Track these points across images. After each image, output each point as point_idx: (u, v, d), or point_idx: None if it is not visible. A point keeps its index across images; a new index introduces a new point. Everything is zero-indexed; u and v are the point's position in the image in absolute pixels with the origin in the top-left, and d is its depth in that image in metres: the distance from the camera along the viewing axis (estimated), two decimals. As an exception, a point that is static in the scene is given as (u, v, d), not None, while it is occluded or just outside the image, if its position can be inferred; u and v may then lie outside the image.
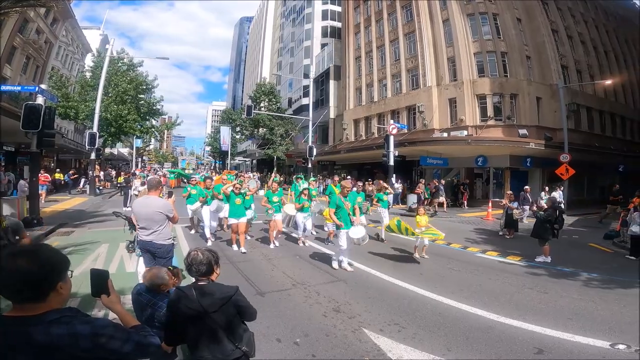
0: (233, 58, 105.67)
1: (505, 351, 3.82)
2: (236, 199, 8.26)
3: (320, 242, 9.58)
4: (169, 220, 4.57)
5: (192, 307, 2.13)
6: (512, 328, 4.39)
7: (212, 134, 66.91)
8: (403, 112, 26.57)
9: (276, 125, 36.23)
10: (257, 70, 64.89)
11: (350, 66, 32.56)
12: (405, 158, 22.27)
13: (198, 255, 2.27)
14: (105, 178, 26.16)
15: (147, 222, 4.44)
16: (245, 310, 2.28)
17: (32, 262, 1.30)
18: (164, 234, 4.47)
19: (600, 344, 3.94)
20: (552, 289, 6.05)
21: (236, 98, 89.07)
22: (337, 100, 35.03)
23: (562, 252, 8.55)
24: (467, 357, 3.74)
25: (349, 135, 31.65)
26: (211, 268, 2.28)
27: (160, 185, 4.83)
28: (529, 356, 3.71)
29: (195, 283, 2.26)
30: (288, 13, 51.83)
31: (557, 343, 3.99)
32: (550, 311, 5.00)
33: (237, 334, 2.22)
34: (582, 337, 4.12)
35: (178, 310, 2.16)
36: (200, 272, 2.24)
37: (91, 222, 11.51)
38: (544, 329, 4.33)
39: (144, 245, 4.49)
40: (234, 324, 2.22)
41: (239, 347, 2.18)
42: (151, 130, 29.57)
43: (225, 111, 55.08)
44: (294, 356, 3.74)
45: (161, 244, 4.44)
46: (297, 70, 44.43)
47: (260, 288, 5.79)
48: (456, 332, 4.28)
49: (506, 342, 4.03)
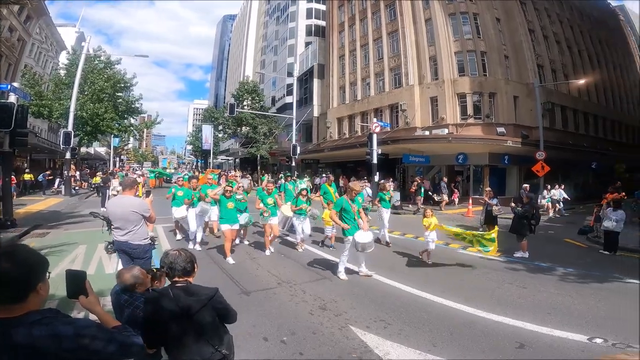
0: (215, 56, 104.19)
1: (488, 346, 3.90)
2: (228, 203, 7.51)
3: (315, 245, 8.93)
4: (146, 220, 4.46)
5: (169, 308, 2.07)
6: (495, 323, 4.50)
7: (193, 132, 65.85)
8: (386, 111, 26.83)
9: (259, 123, 35.95)
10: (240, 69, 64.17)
11: (334, 65, 32.63)
12: (388, 156, 22.45)
13: (179, 255, 2.22)
14: (81, 178, 25.39)
15: (121, 222, 4.33)
16: (226, 312, 2.24)
17: (11, 263, 1.28)
18: (139, 234, 4.36)
19: (579, 337, 4.06)
20: (531, 283, 6.23)
21: (218, 96, 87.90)
22: (320, 98, 35.05)
23: (539, 248, 8.82)
24: (452, 352, 3.82)
25: (332, 134, 31.74)
26: (189, 269, 2.23)
27: (135, 185, 4.72)
28: (511, 351, 3.80)
29: (173, 284, 2.21)
30: (272, 11, 51.45)
31: (537, 337, 4.10)
32: (529, 306, 5.14)
33: (217, 336, 2.18)
34: (561, 331, 4.23)
35: (155, 312, 2.10)
36: (181, 272, 2.19)
37: (67, 223, 11.15)
38: (524, 323, 4.44)
39: (120, 246, 4.38)
40: (213, 326, 2.17)
41: (218, 349, 2.14)
42: (130, 129, 28.96)
43: (208, 109, 54.33)
44: (281, 355, 3.73)
45: (137, 244, 4.33)
46: (280, 69, 44.18)
47: (245, 287, 5.75)
48: (441, 328, 4.36)
49: (489, 337, 4.12)
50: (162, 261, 2.30)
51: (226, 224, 7.44)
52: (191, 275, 2.25)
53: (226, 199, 7.57)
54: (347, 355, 3.69)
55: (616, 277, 6.64)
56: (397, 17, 26.35)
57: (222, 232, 7.66)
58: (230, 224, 7.45)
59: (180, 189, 9.21)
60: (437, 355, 3.69)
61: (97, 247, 7.53)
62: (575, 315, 4.77)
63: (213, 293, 2.19)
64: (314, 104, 35.23)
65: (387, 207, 9.49)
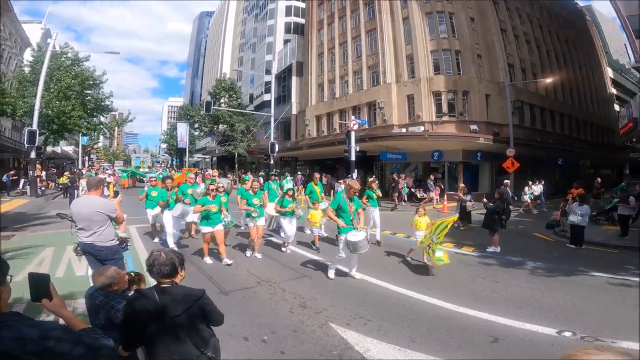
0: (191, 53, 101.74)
1: (464, 340, 4.01)
2: (211, 205, 6.93)
3: (301, 246, 8.62)
4: (113, 220, 4.30)
5: (152, 310, 2.02)
6: (469, 318, 4.62)
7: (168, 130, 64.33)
8: (364, 108, 27.06)
9: (237, 121, 35.47)
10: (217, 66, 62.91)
11: (313, 63, 32.57)
12: (366, 153, 22.72)
13: (160, 256, 2.17)
14: (47, 178, 24.27)
15: (86, 222, 4.15)
16: (212, 314, 2.20)
17: None
18: (105, 235, 4.19)
19: (548, 331, 4.20)
20: (503, 278, 6.44)
21: (194, 94, 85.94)
22: (299, 96, 34.91)
23: (510, 242, 9.12)
24: (430, 346, 3.90)
25: (311, 131, 31.72)
26: (175, 270, 2.18)
27: (101, 185, 4.54)
28: (486, 345, 3.91)
29: (158, 285, 2.16)
30: (251, 8, 50.77)
31: (509, 331, 4.23)
32: (502, 300, 5.31)
33: (203, 338, 2.14)
34: (531, 324, 4.37)
35: (136, 313, 2.05)
36: (162, 274, 2.14)
37: (34, 224, 10.63)
38: (498, 317, 4.58)
39: (86, 248, 4.21)
40: (199, 329, 2.13)
41: (204, 352, 2.10)
42: (99, 127, 28.10)
43: (183, 107, 53.17)
44: (263, 354, 3.71)
45: (103, 246, 4.17)
46: (259, 66, 43.67)
47: (224, 287, 5.68)
48: (418, 323, 4.45)
49: (465, 331, 4.24)
50: (146, 261, 2.25)
51: (206, 225, 6.95)
52: (176, 277, 2.20)
53: (209, 201, 6.98)
54: (328, 353, 3.71)
55: (582, 271, 6.90)
56: (376, 16, 26.59)
57: (202, 234, 7.20)
58: (211, 226, 6.94)
59: (154, 189, 8.67)
60: (416, 351, 3.77)
61: (65, 249, 7.25)
62: (545, 309, 4.93)
63: (200, 294, 2.15)
64: (292, 102, 35.07)
65: (375, 205, 9.16)
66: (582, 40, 36.66)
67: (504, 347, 3.86)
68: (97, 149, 61.00)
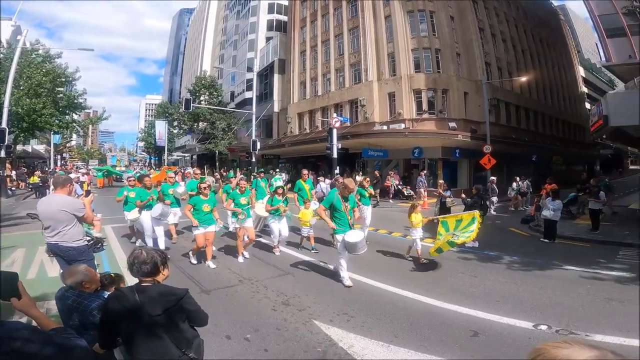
0: (170, 50, 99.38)
1: (445, 334, 4.08)
2: (204, 205, 6.41)
3: (292, 247, 8.30)
4: (79, 220, 4.10)
5: (131, 308, 1.96)
6: (450, 312, 4.71)
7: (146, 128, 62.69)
8: (346, 106, 27.17)
9: (218, 119, 34.94)
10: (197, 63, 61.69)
11: (295, 60, 32.41)
12: (348, 151, 22.86)
13: (141, 254, 2.11)
14: (18, 178, 23.29)
15: (51, 222, 3.97)
16: (195, 314, 2.14)
17: None
18: (70, 235, 3.99)
19: (525, 325, 4.32)
20: (481, 272, 6.58)
21: (173, 91, 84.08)
22: (281, 94, 34.70)
23: (488, 237, 9.26)
24: (412, 341, 3.96)
25: (293, 129, 31.59)
26: (156, 268, 2.11)
27: (68, 183, 4.30)
28: (467, 339, 3.99)
29: (138, 284, 2.09)
30: (233, 5, 50.05)
31: (489, 325, 4.32)
32: (480, 295, 5.43)
33: (185, 339, 2.08)
34: (509, 318, 4.47)
35: (114, 312, 1.98)
36: (143, 272, 2.08)
37: (4, 225, 10.14)
38: (477, 312, 4.68)
39: (52, 248, 4.05)
40: (181, 329, 2.08)
41: (186, 353, 2.04)
42: (71, 125, 27.16)
43: (161, 105, 51.99)
44: (246, 353, 3.67)
45: (68, 246, 3.98)
46: (240, 64, 43.10)
47: (205, 286, 5.60)
48: (401, 318, 4.50)
49: (445, 325, 4.31)
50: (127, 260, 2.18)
51: (201, 226, 6.38)
52: (158, 275, 2.13)
53: (202, 200, 6.45)
54: (312, 350, 3.71)
55: (556, 265, 7.10)
56: (358, 14, 26.70)
57: (195, 237, 6.64)
58: (204, 227, 6.39)
59: (133, 190, 7.92)
60: (399, 346, 3.81)
61: (37, 249, 6.98)
62: (521, 303, 5.07)
63: (182, 294, 2.09)
64: (274, 99, 34.82)
65: (367, 204, 8.78)
66: (556, 40, 37.87)
67: (483, 341, 3.95)
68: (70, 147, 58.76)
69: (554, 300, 5.19)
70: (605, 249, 8.45)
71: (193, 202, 6.55)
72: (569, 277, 6.41)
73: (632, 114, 10.87)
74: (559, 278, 6.32)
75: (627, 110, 11.06)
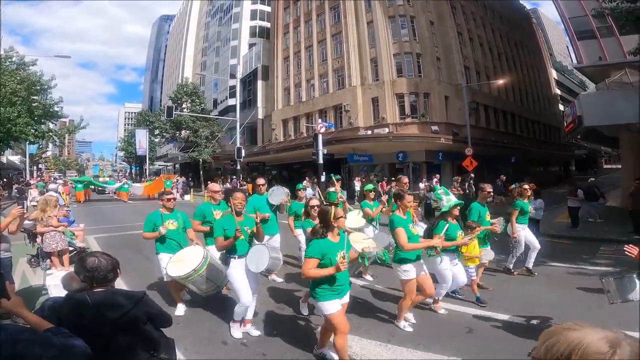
0: (150, 57, 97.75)
1: (441, 332, 4.17)
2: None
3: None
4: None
5: (88, 315, 1.84)
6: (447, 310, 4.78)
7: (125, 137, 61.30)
8: (330, 111, 27.35)
9: (201, 127, 34.47)
10: (179, 70, 60.87)
11: (279, 66, 32.48)
12: (334, 156, 22.97)
13: (101, 262, 1.97)
14: (-6, 190, 22.33)
15: None
16: (156, 316, 2.08)
17: None
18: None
19: (518, 320, 4.41)
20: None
21: (154, 99, 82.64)
22: (265, 100, 34.64)
23: (477, 236, 9.51)
24: (409, 340, 4.00)
25: (278, 136, 31.56)
26: (116, 273, 2.03)
27: None
28: (462, 335, 4.09)
29: (90, 290, 1.94)
30: (214, 12, 49.70)
31: (482, 321, 4.43)
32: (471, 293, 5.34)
33: (151, 340, 2.03)
34: (501, 314, 4.59)
35: (69, 323, 1.79)
36: (108, 280, 1.98)
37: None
38: (470, 309, 4.79)
39: None
40: (145, 331, 2.01)
41: (155, 354, 2.00)
42: (48, 135, 26.17)
43: (142, 113, 50.97)
44: (243, 357, 3.66)
45: None
46: (223, 71, 42.82)
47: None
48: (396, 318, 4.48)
49: (441, 323, 4.42)
50: (76, 268, 2.00)
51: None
52: (113, 281, 2.05)
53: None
54: (310, 352, 3.70)
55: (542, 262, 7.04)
56: (341, 20, 27.05)
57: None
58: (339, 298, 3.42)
59: (217, 207, 4.97)
60: (396, 345, 3.85)
61: (18, 260, 6.71)
62: (512, 299, 5.19)
63: (140, 297, 2.01)
64: (258, 106, 34.72)
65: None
66: (529, 43, 39.20)
67: (479, 337, 4.03)
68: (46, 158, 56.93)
69: (544, 297, 5.30)
70: (586, 246, 8.70)
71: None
72: (555, 273, 6.55)
73: (605, 113, 11.31)
74: (546, 274, 6.44)
75: (601, 110, 11.51)
